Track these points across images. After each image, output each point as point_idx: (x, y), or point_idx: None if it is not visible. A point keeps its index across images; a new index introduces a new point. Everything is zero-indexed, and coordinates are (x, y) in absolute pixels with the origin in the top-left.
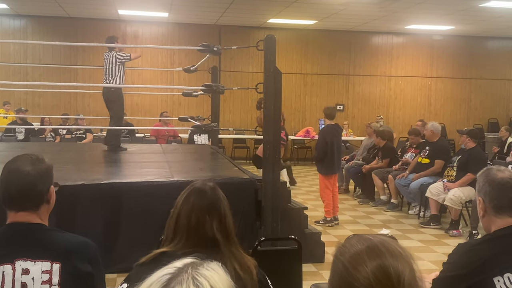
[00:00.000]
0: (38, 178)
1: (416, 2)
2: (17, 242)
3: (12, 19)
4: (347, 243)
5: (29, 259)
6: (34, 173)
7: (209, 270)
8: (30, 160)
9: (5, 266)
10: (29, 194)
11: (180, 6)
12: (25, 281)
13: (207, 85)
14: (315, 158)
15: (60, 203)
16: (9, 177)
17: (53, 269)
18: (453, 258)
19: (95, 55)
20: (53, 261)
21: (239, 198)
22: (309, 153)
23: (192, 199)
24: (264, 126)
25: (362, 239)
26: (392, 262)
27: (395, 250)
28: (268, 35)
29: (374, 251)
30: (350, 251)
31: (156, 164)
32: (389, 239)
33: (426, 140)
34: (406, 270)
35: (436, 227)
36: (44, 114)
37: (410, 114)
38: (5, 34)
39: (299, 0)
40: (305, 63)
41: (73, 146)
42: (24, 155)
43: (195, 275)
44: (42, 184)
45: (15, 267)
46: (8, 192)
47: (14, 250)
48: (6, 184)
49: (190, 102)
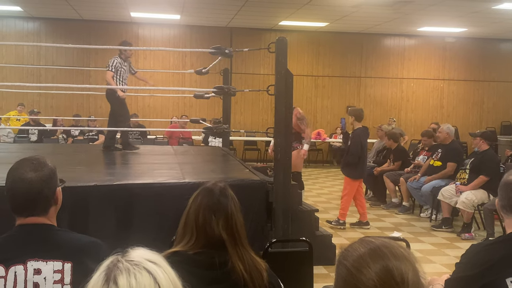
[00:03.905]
0: (43, 184)
1: (429, 4)
2: (28, 243)
3: (26, 22)
4: (349, 247)
5: (41, 259)
6: (38, 179)
7: (136, 250)
8: (33, 165)
9: (17, 266)
10: (36, 201)
11: (192, 8)
12: (37, 281)
13: (218, 87)
14: (347, 161)
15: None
16: (13, 186)
17: (64, 268)
18: (466, 258)
19: (107, 57)
20: (65, 260)
21: (250, 200)
22: (320, 156)
23: (199, 198)
24: (275, 128)
25: (364, 242)
26: (395, 263)
27: (397, 251)
28: (279, 37)
29: (377, 253)
30: (353, 254)
31: (167, 165)
32: (391, 241)
33: (438, 143)
34: (410, 271)
35: (448, 230)
36: (57, 115)
37: (422, 117)
38: (19, 36)
39: (311, 3)
40: (317, 65)
41: (85, 147)
42: (25, 160)
43: (127, 259)
44: (47, 189)
45: (27, 267)
46: (15, 201)
47: (25, 250)
48: (11, 193)
49: (202, 104)
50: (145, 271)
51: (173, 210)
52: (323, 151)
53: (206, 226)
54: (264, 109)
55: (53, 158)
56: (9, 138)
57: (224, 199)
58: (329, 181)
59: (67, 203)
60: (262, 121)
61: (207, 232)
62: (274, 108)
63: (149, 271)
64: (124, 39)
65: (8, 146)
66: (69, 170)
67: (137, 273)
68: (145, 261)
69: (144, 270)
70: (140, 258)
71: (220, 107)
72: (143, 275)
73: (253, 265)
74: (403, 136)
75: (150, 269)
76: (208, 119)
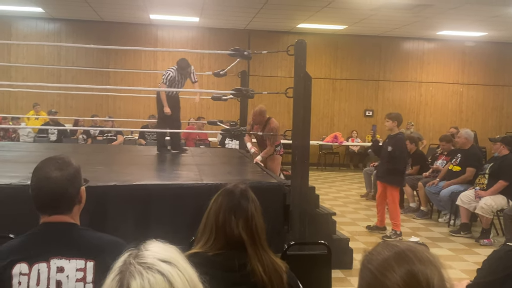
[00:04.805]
0: (68, 183)
1: (449, 8)
2: (52, 241)
3: (47, 23)
4: (374, 251)
5: (64, 257)
6: (63, 178)
7: (148, 250)
8: (58, 164)
9: (40, 264)
10: (61, 200)
11: (211, 11)
12: (60, 279)
13: (237, 89)
14: (393, 169)
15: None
16: (38, 184)
17: (87, 267)
18: (487, 264)
19: (127, 59)
20: (87, 259)
21: (267, 202)
22: (337, 159)
23: (220, 199)
24: (293, 130)
25: (389, 246)
26: (420, 268)
27: (423, 255)
28: (298, 40)
29: (402, 257)
30: (378, 258)
31: (185, 166)
32: (416, 245)
33: (457, 147)
34: (435, 275)
35: (466, 235)
36: (76, 116)
37: (441, 121)
38: (40, 37)
39: (330, 5)
40: (334, 68)
41: (105, 147)
42: (50, 159)
43: (139, 261)
44: (72, 188)
45: (50, 265)
46: (40, 199)
47: (48, 248)
48: (36, 192)
49: (219, 106)
50: (158, 274)
51: (191, 210)
52: (340, 155)
53: (226, 226)
54: (281, 111)
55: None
56: (29, 138)
57: (244, 201)
58: (345, 184)
59: (87, 202)
60: (279, 124)
61: (227, 232)
62: (293, 110)
63: (162, 273)
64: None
65: (29, 146)
66: (89, 170)
67: (151, 277)
68: (158, 262)
69: (158, 273)
70: (154, 259)
71: (237, 109)
72: (156, 278)
73: (273, 267)
74: (421, 141)
75: (164, 271)
76: (225, 121)
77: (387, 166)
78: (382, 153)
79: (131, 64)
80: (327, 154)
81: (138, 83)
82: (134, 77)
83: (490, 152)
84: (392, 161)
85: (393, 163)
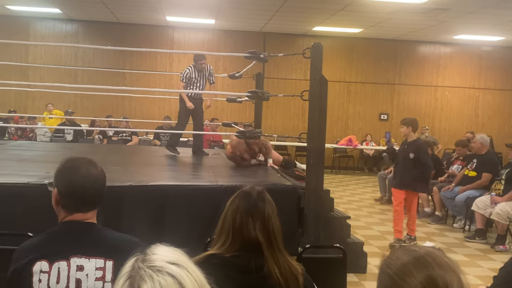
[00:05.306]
0: (103, 180)
1: (466, 12)
2: (72, 240)
3: (64, 24)
4: (392, 255)
5: (84, 256)
6: (102, 175)
7: (155, 253)
8: (90, 163)
9: (61, 262)
10: (99, 196)
11: (227, 13)
12: (80, 277)
13: (252, 92)
14: (420, 176)
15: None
16: (81, 182)
17: (106, 266)
18: (504, 271)
19: (143, 60)
20: (107, 258)
21: (281, 205)
22: (351, 162)
23: (237, 201)
24: (308, 133)
25: (408, 251)
26: (440, 273)
27: (442, 260)
28: (315, 43)
29: (421, 262)
30: (397, 263)
31: (200, 168)
32: (435, 250)
33: (473, 153)
34: (455, 281)
35: (481, 241)
36: (92, 116)
37: (456, 126)
38: (57, 37)
39: (346, 9)
40: (349, 71)
41: (120, 148)
42: (79, 159)
43: (149, 265)
44: (104, 186)
45: (70, 264)
46: (80, 196)
47: (69, 247)
48: (72, 189)
49: (233, 108)
50: (169, 276)
51: (206, 211)
52: (354, 158)
53: (243, 228)
54: (296, 114)
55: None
56: (46, 137)
57: (261, 203)
58: (360, 188)
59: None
60: (293, 126)
61: (244, 234)
62: (308, 113)
63: (173, 275)
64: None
65: (46, 145)
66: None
67: (161, 280)
68: (167, 264)
69: (168, 275)
70: (162, 262)
71: (251, 112)
72: (167, 281)
73: (289, 269)
74: (436, 145)
75: (174, 273)
76: (239, 123)
77: (413, 173)
78: (402, 160)
79: (147, 66)
80: (341, 157)
81: (154, 85)
82: (150, 78)
83: (506, 158)
84: (420, 167)
85: (421, 170)
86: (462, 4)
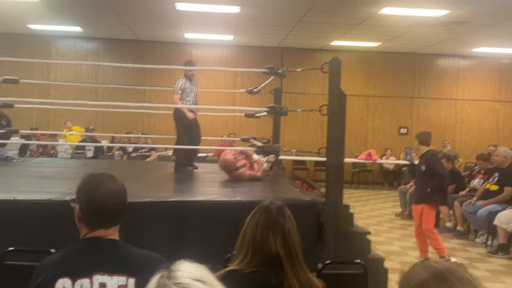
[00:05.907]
0: (125, 196)
1: (484, 25)
2: (95, 257)
3: (85, 42)
4: (411, 271)
5: (106, 273)
6: (124, 191)
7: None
8: (111, 179)
9: (83, 279)
10: (121, 212)
11: (245, 29)
12: None
13: (271, 107)
14: (438, 187)
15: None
16: (103, 198)
17: (128, 283)
18: None
19: (162, 77)
20: (129, 275)
21: (300, 220)
22: (371, 177)
23: (257, 216)
24: (328, 148)
25: (427, 266)
26: None
27: (462, 276)
28: (333, 57)
29: (441, 278)
30: (416, 279)
31: (218, 183)
32: (455, 265)
33: (495, 166)
34: None
35: (504, 256)
36: (112, 132)
37: (477, 139)
38: (78, 55)
39: (363, 23)
40: (368, 85)
41: (140, 164)
42: (100, 175)
43: (175, 282)
44: (125, 202)
45: (92, 281)
46: (102, 212)
47: (91, 264)
48: (95, 205)
49: (251, 123)
50: None
51: (224, 227)
52: (374, 172)
53: (263, 243)
54: (314, 129)
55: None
56: (67, 154)
57: (281, 218)
58: (379, 203)
59: (123, 218)
60: (312, 141)
61: (264, 250)
62: (327, 128)
63: None
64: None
65: (67, 162)
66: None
67: None
68: (192, 281)
69: None
70: (188, 279)
71: (269, 127)
72: None
73: (309, 285)
74: (457, 159)
75: None
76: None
77: (428, 185)
78: (417, 174)
79: (165, 82)
80: (360, 172)
81: (173, 101)
82: (169, 94)
83: None
84: (435, 178)
85: (437, 180)
86: (480, 18)
